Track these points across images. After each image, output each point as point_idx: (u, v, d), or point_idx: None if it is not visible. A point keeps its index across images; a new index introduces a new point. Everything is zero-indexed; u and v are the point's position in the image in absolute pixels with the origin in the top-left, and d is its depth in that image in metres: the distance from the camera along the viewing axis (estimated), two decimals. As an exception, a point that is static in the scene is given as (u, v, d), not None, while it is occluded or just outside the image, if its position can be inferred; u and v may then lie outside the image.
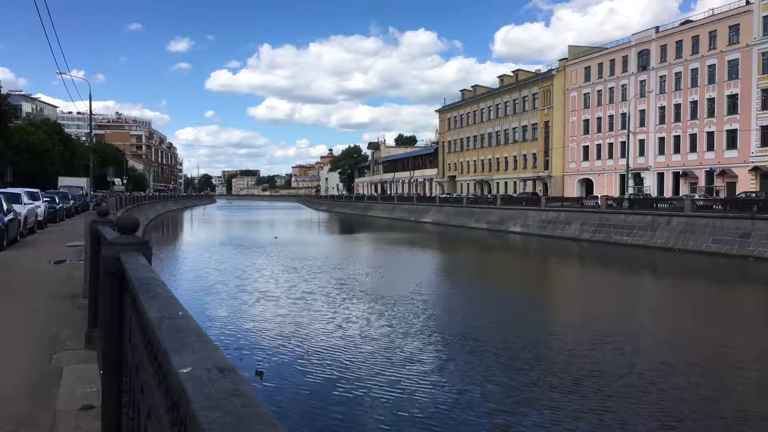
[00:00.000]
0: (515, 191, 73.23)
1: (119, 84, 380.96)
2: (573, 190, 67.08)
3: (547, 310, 19.07)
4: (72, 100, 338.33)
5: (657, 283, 26.67)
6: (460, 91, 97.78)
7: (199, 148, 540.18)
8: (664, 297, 22.70)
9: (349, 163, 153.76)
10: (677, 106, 56.92)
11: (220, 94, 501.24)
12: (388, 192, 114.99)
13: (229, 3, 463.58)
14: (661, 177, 58.19)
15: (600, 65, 65.78)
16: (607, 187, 61.16)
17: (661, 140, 58.25)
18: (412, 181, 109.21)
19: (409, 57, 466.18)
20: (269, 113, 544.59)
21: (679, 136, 56.58)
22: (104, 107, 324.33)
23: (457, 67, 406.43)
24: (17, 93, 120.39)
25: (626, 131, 58.11)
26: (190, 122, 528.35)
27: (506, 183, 79.62)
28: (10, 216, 17.93)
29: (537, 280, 27.86)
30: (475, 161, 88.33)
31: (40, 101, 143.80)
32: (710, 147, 53.39)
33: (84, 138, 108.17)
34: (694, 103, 55.04)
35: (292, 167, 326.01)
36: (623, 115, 62.00)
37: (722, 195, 48.22)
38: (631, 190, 56.84)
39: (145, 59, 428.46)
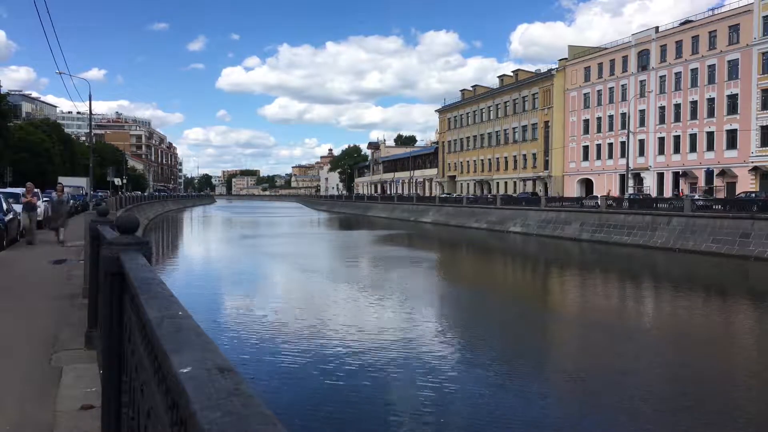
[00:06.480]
0: (515, 191, 73.21)
1: (137, 83, 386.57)
2: (573, 190, 67.07)
3: (544, 319, 19.07)
4: (82, 100, 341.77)
5: (658, 287, 26.64)
6: (460, 91, 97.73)
7: (206, 147, 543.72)
8: (667, 303, 22.70)
9: (349, 163, 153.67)
10: (677, 106, 56.91)
11: (233, 94, 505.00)
12: (388, 192, 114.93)
13: (254, 2, 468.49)
14: (661, 177, 58.18)
15: (600, 65, 65.77)
16: (607, 187, 61.15)
17: (661, 140, 58.25)
18: (412, 181, 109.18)
19: (429, 57, 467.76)
20: (280, 113, 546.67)
21: (679, 136, 56.58)
22: (118, 106, 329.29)
23: (476, 66, 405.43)
24: (17, 93, 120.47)
25: (626, 131, 58.10)
26: (203, 122, 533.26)
27: (506, 183, 79.61)
28: (10, 216, 17.94)
29: (534, 283, 27.87)
30: (475, 161, 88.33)
31: (41, 101, 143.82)
32: (710, 147, 53.38)
33: (84, 138, 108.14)
34: (694, 103, 55.02)
35: (292, 167, 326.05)
36: (623, 115, 62.00)
37: (721, 195, 48.17)
38: (631, 190, 56.81)
39: (164, 59, 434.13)
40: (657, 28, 60.00)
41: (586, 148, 67.26)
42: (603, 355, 13.33)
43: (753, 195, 41.94)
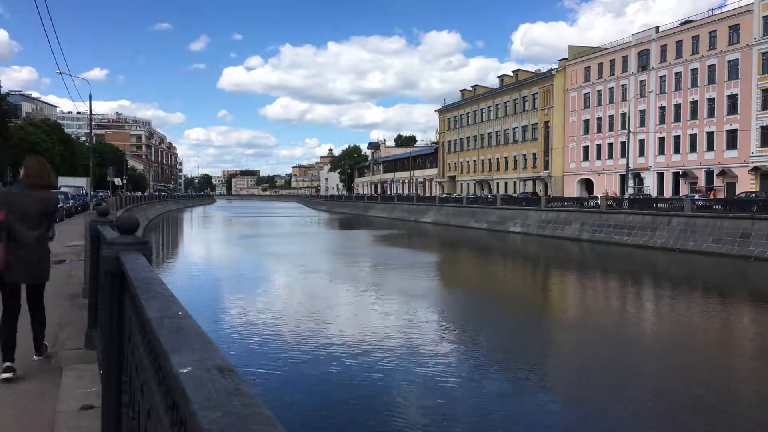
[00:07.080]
0: (515, 191, 73.21)
1: (138, 83, 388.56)
2: (573, 190, 67.06)
3: (541, 322, 19.06)
4: (82, 100, 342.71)
5: (659, 287, 26.64)
6: (461, 91, 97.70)
7: (207, 147, 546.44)
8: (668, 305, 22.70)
9: (349, 163, 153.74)
10: (677, 106, 56.91)
11: (234, 94, 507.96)
12: (388, 192, 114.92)
13: (257, 2, 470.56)
14: (661, 177, 58.18)
15: (600, 65, 65.76)
16: (607, 187, 61.15)
17: (661, 140, 58.24)
18: (412, 181, 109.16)
19: (431, 57, 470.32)
20: (281, 113, 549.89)
21: (679, 136, 56.57)
22: (119, 106, 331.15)
23: (477, 66, 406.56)
24: (17, 93, 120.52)
25: (626, 131, 58.12)
26: (204, 122, 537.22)
27: (506, 183, 79.60)
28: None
29: (534, 284, 27.87)
30: (475, 161, 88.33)
31: (41, 101, 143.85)
32: (710, 147, 53.38)
33: (84, 138, 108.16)
34: (694, 103, 55.02)
35: (292, 167, 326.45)
36: (623, 115, 62.00)
37: (720, 195, 48.12)
38: (631, 190, 56.82)
39: (165, 59, 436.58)
40: (657, 28, 59.99)
41: (586, 148, 67.25)
42: (603, 355, 13.33)
43: (753, 195, 41.95)
